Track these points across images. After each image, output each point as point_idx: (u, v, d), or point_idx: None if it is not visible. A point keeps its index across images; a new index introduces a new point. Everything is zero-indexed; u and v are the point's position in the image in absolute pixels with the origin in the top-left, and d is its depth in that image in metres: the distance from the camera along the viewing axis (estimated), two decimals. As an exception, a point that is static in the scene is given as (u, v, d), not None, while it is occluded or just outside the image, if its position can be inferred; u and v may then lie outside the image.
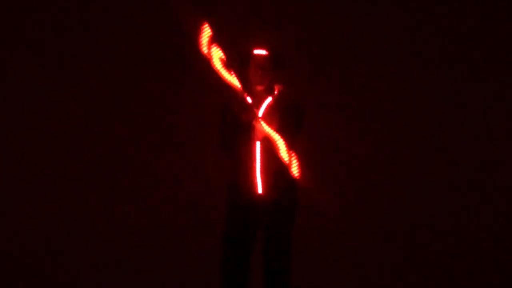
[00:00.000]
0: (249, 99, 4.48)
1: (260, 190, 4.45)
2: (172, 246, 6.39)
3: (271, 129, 4.43)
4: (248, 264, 4.52)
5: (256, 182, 4.44)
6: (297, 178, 4.37)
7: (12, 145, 7.39)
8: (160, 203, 6.81)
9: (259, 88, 4.53)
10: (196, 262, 5.95)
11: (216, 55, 4.44)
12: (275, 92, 4.57)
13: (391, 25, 8.51)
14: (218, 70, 4.43)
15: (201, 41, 4.46)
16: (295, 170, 4.37)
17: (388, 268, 6.52)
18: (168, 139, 7.21)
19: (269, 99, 4.54)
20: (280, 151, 4.38)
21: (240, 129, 4.42)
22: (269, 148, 4.43)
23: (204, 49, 4.44)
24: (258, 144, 4.47)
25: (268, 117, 4.49)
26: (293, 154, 4.38)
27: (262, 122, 4.43)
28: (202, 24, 4.48)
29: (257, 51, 4.52)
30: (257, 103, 4.54)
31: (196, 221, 6.44)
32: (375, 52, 8.51)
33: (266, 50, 4.52)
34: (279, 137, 4.39)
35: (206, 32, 4.46)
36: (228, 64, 4.45)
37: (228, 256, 4.53)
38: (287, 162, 4.37)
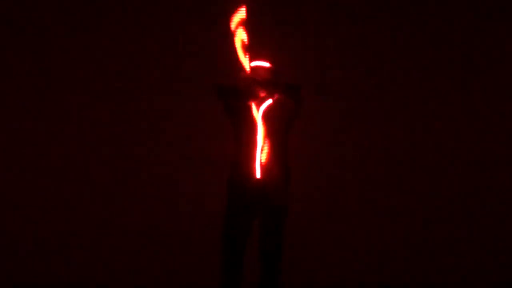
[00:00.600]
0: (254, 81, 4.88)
1: (258, 175, 4.80)
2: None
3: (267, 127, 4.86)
4: (246, 241, 4.88)
5: (256, 169, 4.78)
6: (263, 164, 4.80)
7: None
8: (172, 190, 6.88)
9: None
10: (199, 237, 6.42)
11: (240, 36, 4.94)
12: (275, 97, 4.90)
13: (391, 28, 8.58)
14: (236, 48, 4.91)
15: (233, 18, 4.98)
16: (263, 157, 4.81)
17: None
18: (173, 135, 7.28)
19: (270, 101, 4.89)
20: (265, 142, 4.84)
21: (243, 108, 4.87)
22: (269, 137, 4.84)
23: (232, 26, 4.96)
24: (260, 135, 4.83)
25: (267, 116, 4.87)
26: (266, 142, 4.79)
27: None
28: (240, 6, 5.00)
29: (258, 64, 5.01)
30: (259, 102, 4.90)
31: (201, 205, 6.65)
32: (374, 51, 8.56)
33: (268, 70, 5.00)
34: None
35: (241, 14, 4.99)
36: (247, 48, 4.92)
37: (228, 234, 4.87)
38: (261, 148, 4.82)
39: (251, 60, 4.97)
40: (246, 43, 4.91)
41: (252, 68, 4.93)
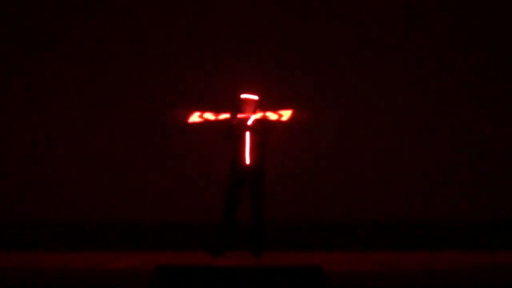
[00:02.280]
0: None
1: (248, 162, 8.29)
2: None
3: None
4: (237, 200, 8.34)
5: (246, 158, 8.28)
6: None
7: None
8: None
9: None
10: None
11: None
12: (254, 116, 8.33)
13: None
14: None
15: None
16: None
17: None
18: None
19: (251, 119, 8.32)
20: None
21: (236, 132, 8.33)
22: (253, 141, 8.29)
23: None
24: (247, 138, 8.29)
25: (250, 135, 8.32)
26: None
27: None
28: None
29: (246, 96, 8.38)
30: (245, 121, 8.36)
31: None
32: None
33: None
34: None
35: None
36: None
37: (229, 195, 8.34)
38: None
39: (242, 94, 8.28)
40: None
41: (242, 99, 8.32)
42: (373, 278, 6.23)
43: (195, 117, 8.32)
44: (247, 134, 8.25)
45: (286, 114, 8.15)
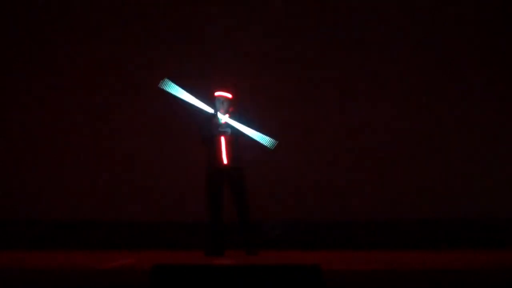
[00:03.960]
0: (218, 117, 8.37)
1: (225, 161, 8.30)
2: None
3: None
4: (221, 200, 8.34)
5: (223, 158, 8.29)
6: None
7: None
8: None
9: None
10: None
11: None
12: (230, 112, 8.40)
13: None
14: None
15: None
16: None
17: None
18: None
19: (227, 116, 8.36)
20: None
21: (213, 130, 8.30)
22: (228, 140, 8.33)
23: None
24: (223, 138, 8.31)
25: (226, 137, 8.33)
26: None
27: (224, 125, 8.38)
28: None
29: (220, 94, 8.40)
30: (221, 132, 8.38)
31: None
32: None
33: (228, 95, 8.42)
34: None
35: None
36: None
37: (210, 198, 8.34)
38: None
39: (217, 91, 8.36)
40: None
41: (217, 97, 8.33)
42: (371, 277, 6.23)
43: (172, 89, 8.21)
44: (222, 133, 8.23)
45: (268, 143, 8.16)
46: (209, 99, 8.36)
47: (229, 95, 8.35)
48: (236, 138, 8.28)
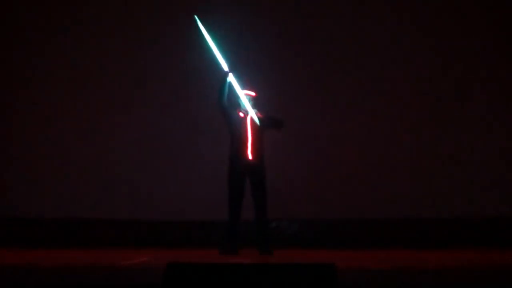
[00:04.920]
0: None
1: (250, 157, 8.31)
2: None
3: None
4: (242, 195, 8.33)
5: (248, 153, 8.29)
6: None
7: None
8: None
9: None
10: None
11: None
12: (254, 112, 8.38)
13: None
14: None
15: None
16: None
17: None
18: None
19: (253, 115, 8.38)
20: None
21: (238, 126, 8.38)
22: (254, 136, 8.33)
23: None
24: (249, 132, 8.34)
25: (252, 127, 8.36)
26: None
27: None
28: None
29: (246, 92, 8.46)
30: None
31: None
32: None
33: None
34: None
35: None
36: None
37: (231, 192, 8.33)
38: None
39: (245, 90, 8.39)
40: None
41: (244, 94, 8.37)
42: (383, 276, 6.23)
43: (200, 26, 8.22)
44: (249, 129, 8.27)
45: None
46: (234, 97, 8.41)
47: (253, 93, 8.43)
48: (261, 135, 8.33)
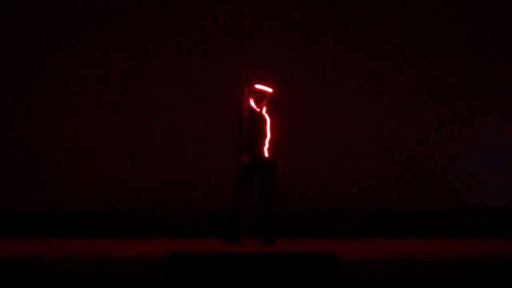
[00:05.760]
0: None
1: (266, 154, 8.43)
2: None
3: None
4: (250, 189, 8.39)
5: (264, 150, 8.42)
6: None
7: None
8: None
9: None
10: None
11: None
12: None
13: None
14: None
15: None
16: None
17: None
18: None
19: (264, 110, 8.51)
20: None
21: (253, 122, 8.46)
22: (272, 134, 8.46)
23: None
24: (268, 130, 8.46)
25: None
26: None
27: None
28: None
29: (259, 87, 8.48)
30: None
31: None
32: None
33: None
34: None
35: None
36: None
37: (240, 185, 8.38)
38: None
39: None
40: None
41: (258, 89, 8.38)
42: (385, 266, 6.25)
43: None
44: (268, 126, 8.36)
45: None
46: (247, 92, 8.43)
47: (270, 89, 8.40)
48: (277, 133, 8.40)
